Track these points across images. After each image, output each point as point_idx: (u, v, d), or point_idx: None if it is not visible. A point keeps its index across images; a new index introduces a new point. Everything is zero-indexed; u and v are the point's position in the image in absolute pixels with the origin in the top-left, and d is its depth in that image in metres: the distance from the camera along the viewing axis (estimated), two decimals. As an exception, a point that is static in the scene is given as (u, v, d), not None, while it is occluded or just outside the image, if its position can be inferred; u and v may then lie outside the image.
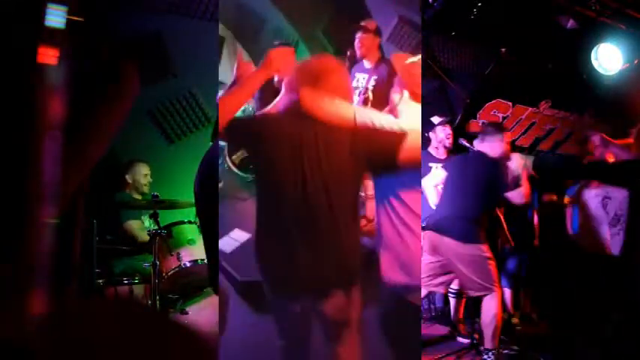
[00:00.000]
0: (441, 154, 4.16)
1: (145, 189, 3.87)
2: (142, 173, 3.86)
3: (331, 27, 2.76)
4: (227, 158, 4.19)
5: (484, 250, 3.30)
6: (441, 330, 4.12)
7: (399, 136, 1.77)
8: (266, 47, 2.99)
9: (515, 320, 4.57)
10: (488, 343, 3.35)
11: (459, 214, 3.35)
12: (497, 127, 3.71)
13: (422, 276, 3.36)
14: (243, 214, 3.32)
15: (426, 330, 4.06)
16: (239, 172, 4.22)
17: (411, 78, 1.98)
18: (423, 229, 3.30)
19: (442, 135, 4.14)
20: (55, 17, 0.50)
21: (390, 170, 1.86)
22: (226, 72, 2.99)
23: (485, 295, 3.33)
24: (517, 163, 3.54)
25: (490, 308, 3.33)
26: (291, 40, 3.49)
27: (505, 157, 3.48)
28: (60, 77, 0.50)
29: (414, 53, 2.04)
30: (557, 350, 3.71)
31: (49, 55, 0.49)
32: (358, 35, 3.88)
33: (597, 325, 3.50)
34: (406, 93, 2.00)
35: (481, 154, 3.47)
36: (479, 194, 3.35)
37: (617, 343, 3.03)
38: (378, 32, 3.93)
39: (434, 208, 3.69)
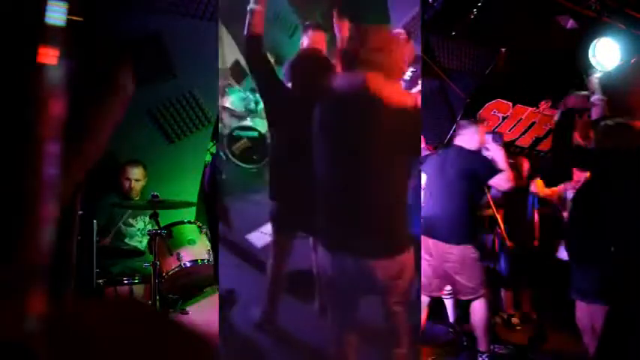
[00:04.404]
0: None
1: (133, 194, 3.78)
2: (133, 177, 3.77)
3: (330, 13, 2.80)
4: (226, 149, 4.12)
5: (472, 250, 3.31)
6: (440, 330, 4.12)
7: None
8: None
9: (515, 320, 4.57)
10: (482, 345, 3.37)
11: (443, 214, 3.35)
12: (471, 120, 3.77)
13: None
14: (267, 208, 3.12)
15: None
16: (240, 163, 4.12)
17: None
18: None
19: None
20: (55, 14, 0.50)
21: None
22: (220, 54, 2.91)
23: (474, 299, 3.35)
24: (495, 150, 3.51)
25: (478, 311, 3.35)
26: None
27: (482, 148, 3.51)
28: (59, 77, 0.50)
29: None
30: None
31: (49, 55, 0.49)
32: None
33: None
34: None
35: (458, 149, 3.48)
36: (462, 191, 3.34)
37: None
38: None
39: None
